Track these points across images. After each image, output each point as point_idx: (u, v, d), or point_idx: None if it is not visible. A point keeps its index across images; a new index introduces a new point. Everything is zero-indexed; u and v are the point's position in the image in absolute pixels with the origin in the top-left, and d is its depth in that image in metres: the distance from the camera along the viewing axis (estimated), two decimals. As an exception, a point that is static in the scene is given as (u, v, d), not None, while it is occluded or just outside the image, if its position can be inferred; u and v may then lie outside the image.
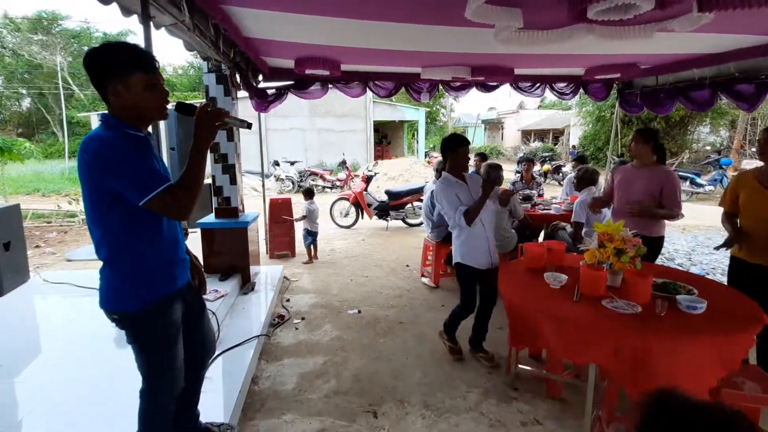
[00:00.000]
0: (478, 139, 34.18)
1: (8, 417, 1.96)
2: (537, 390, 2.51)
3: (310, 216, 5.26)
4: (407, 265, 5.09)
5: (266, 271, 4.42)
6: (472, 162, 5.45)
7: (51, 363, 2.47)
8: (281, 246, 5.45)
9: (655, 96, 5.13)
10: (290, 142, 15.46)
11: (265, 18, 3.26)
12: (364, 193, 7.13)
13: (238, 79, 4.57)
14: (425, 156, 19.57)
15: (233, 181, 4.12)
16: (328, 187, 12.37)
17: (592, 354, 1.89)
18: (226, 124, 1.46)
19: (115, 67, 1.32)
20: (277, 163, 12.74)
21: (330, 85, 5.61)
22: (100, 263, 1.43)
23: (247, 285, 3.86)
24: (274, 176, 12.32)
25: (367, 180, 7.31)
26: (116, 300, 1.42)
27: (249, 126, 1.61)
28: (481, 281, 2.80)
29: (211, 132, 1.40)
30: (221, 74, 4.21)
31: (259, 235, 4.57)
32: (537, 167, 13.79)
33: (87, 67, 1.33)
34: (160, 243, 1.46)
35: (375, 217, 7.21)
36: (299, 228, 5.49)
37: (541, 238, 4.82)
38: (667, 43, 3.58)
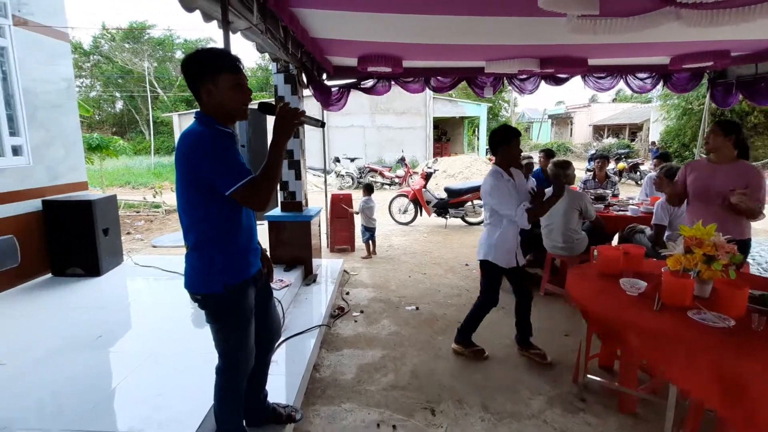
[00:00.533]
0: (544, 136, 32.51)
1: (104, 384, 2.22)
2: (607, 403, 2.35)
3: (366, 212, 5.35)
4: (466, 264, 5.00)
5: (327, 264, 4.58)
6: (536, 159, 5.21)
7: (140, 337, 2.75)
8: (341, 240, 5.61)
9: (755, 86, 4.55)
10: (350, 139, 15.82)
11: (330, 18, 3.35)
12: (423, 190, 7.11)
13: (305, 79, 4.75)
14: (486, 153, 19.04)
15: (298, 176, 4.31)
16: (386, 184, 12.48)
17: (674, 369, 1.73)
18: (302, 122, 1.53)
19: (208, 68, 1.46)
20: (337, 160, 13.09)
21: (392, 82, 5.66)
22: (182, 250, 1.57)
23: (309, 276, 4.02)
24: (335, 172, 12.68)
25: (427, 177, 7.27)
26: (200, 282, 1.54)
27: (322, 125, 1.68)
28: (509, 278, 2.81)
29: (289, 130, 1.49)
30: (289, 74, 4.39)
31: (321, 229, 4.74)
32: (611, 165, 12.82)
33: (184, 69, 1.48)
34: (239, 232, 1.56)
35: (434, 215, 7.16)
36: (359, 223, 5.60)
37: (615, 242, 4.49)
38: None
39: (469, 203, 7.01)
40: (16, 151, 3.78)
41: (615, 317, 1.99)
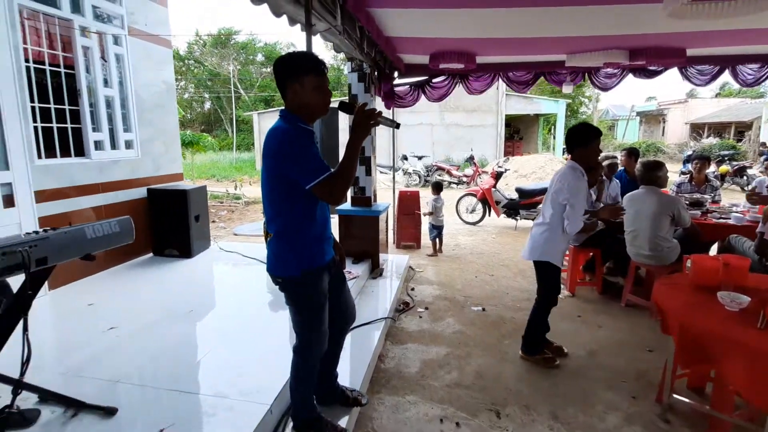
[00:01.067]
0: (631, 134, 29.64)
1: (194, 353, 2.48)
2: (695, 427, 2.13)
3: (435, 211, 5.33)
4: (525, 269, 4.78)
5: (393, 260, 4.65)
6: (620, 159, 4.82)
7: (224, 315, 3.02)
8: (408, 237, 5.66)
9: None
10: (418, 137, 15.80)
11: (404, 16, 3.39)
12: (493, 189, 6.91)
13: (377, 77, 4.84)
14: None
15: (369, 172, 4.42)
16: (454, 183, 12.31)
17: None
18: (378, 123, 1.60)
19: (295, 69, 1.57)
20: (405, 158, 13.18)
21: (459, 81, 5.57)
22: (260, 238, 1.71)
23: (376, 270, 4.12)
24: (402, 170, 12.77)
25: (497, 176, 7.05)
26: (282, 266, 1.67)
27: (397, 126, 1.74)
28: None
29: (366, 129, 1.56)
30: (362, 73, 4.50)
31: (388, 225, 4.82)
32: (712, 168, 11.40)
33: (275, 69, 1.62)
34: (316, 222, 1.69)
35: (503, 215, 6.93)
36: (425, 220, 5.61)
37: (713, 251, 4.02)
38: None
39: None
40: (128, 145, 4.33)
41: (709, 333, 1.80)
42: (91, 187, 3.86)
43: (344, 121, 2.72)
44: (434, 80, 5.72)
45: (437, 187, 5.55)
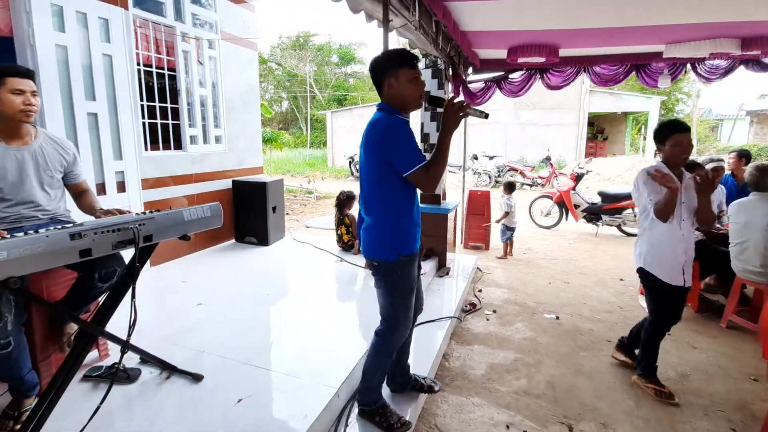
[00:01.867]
0: (739, 136, 25.91)
1: (268, 333, 2.63)
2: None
3: (509, 211, 5.13)
4: (621, 279, 4.39)
5: (460, 260, 4.56)
6: (727, 162, 4.24)
7: (296, 300, 3.17)
8: (476, 237, 5.51)
9: None
10: (490, 136, 15.29)
11: (482, 9, 3.29)
12: (572, 192, 6.47)
13: (451, 73, 4.76)
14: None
15: (439, 169, 4.36)
16: (527, 184, 11.75)
17: None
18: (467, 114, 1.66)
19: (390, 64, 1.69)
20: (475, 157, 12.84)
21: (538, 76, 5.28)
22: (329, 231, 1.79)
23: (442, 269, 4.06)
24: (471, 170, 12.46)
25: (577, 178, 6.59)
26: (378, 250, 1.76)
27: (486, 116, 1.74)
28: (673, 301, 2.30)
29: (456, 120, 1.64)
30: (436, 69, 4.46)
31: (456, 224, 4.74)
32: None
33: (371, 66, 1.75)
34: (412, 209, 1.78)
35: (582, 220, 6.46)
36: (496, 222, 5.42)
37: None
38: None
39: (629, 210, 6.11)
40: (217, 140, 4.72)
41: None
42: (185, 177, 4.28)
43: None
44: (511, 75, 5.50)
45: (510, 187, 5.33)
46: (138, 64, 3.75)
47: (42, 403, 1.59)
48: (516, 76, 5.52)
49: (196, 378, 2.03)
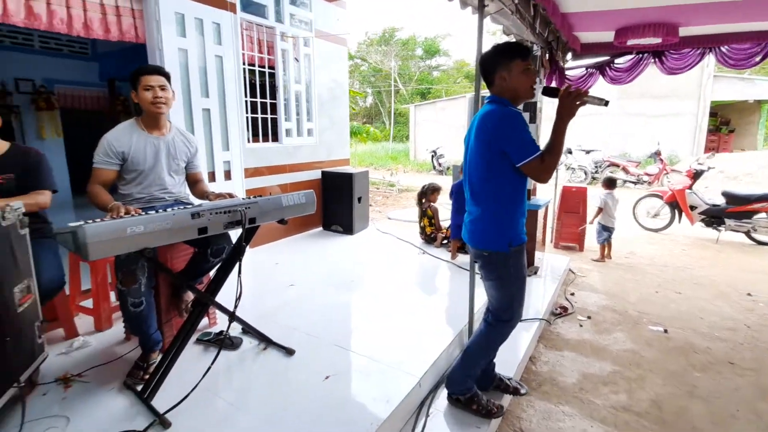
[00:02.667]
0: None
1: (353, 318, 2.72)
2: None
3: (607, 209, 4.66)
4: (749, 294, 3.75)
5: (549, 260, 4.27)
6: None
7: (379, 288, 3.23)
8: (569, 237, 5.11)
9: None
10: (588, 129, 13.98)
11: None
12: (688, 191, 5.65)
13: (547, 60, 4.45)
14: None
15: (530, 163, 4.12)
16: (630, 182, 10.56)
17: None
18: (585, 102, 1.60)
19: (503, 56, 1.69)
20: (569, 151, 11.85)
21: (651, 60, 4.68)
22: (411, 224, 1.77)
23: (530, 268, 3.84)
24: (565, 165, 11.55)
25: (695, 176, 5.73)
26: (488, 240, 1.76)
27: (606, 104, 1.64)
28: None
29: (572, 110, 1.60)
30: (532, 55, 4.18)
31: (546, 222, 4.44)
32: None
33: (483, 60, 1.77)
34: (522, 200, 1.77)
35: (699, 224, 5.63)
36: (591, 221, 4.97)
37: None
38: None
39: (763, 215, 5.17)
40: (309, 133, 4.99)
41: None
42: (280, 167, 4.60)
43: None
44: (618, 60, 4.97)
45: (610, 183, 4.83)
46: (243, 64, 4.10)
47: (165, 358, 1.84)
48: (623, 60, 4.97)
49: (289, 352, 2.18)
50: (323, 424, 1.68)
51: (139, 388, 1.84)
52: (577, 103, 1.58)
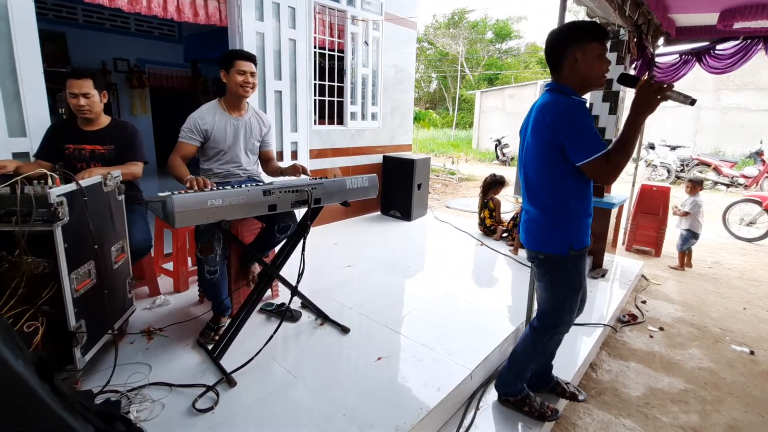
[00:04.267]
0: None
1: (407, 303, 2.74)
2: None
3: (695, 213, 4.22)
4: None
5: (620, 262, 3.97)
6: None
7: (434, 277, 3.21)
8: (645, 240, 4.71)
9: None
10: (676, 123, 12.65)
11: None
12: (793, 197, 4.96)
13: (635, 45, 4.06)
14: None
15: (606, 157, 3.83)
16: (723, 184, 9.44)
17: None
18: (667, 97, 1.40)
19: (578, 37, 1.49)
20: (652, 146, 10.81)
21: (761, 46, 4.08)
22: (470, 214, 1.70)
23: (598, 269, 3.60)
24: (645, 161, 10.57)
25: (804, 180, 5.00)
26: (546, 242, 1.63)
27: (693, 102, 1.43)
28: None
29: (651, 105, 1.40)
30: (618, 40, 3.85)
31: (620, 222, 4.12)
32: None
33: (551, 40, 1.56)
34: (586, 200, 1.61)
35: (804, 235, 4.94)
36: (672, 225, 4.53)
37: None
38: None
39: None
40: (373, 117, 5.02)
41: None
42: (343, 150, 4.69)
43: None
44: (720, 46, 4.41)
45: (697, 184, 4.35)
46: (314, 47, 4.19)
47: (233, 323, 1.98)
48: (727, 46, 4.40)
49: (344, 330, 2.25)
50: (372, 403, 1.73)
51: (210, 347, 2.01)
52: (659, 97, 1.38)
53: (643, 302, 3.40)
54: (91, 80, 2.11)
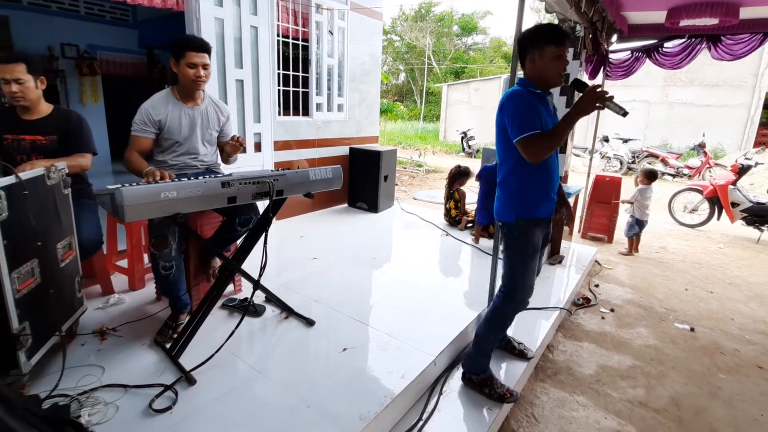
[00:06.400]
0: None
1: (373, 294, 2.76)
2: None
3: (640, 203, 4.48)
4: (787, 297, 3.58)
5: (576, 249, 4.17)
6: None
7: (401, 267, 3.25)
8: (598, 228, 4.96)
9: None
10: (628, 117, 13.26)
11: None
12: (731, 187, 5.34)
13: (591, 41, 4.22)
14: None
15: (563, 149, 3.99)
16: (669, 174, 10.06)
17: None
18: (605, 106, 1.59)
19: (538, 39, 1.68)
20: (606, 139, 11.36)
21: (705, 44, 4.36)
22: (436, 205, 1.77)
23: (555, 256, 3.76)
24: (600, 153, 11.10)
25: (740, 171, 5.39)
26: (500, 210, 1.85)
27: (625, 114, 1.61)
28: None
29: (588, 108, 1.58)
30: (574, 36, 4.00)
31: (575, 211, 4.31)
32: None
33: (519, 40, 1.78)
34: (537, 178, 1.77)
35: (740, 222, 5.34)
36: (624, 213, 4.79)
37: None
38: None
39: None
40: (339, 108, 4.97)
41: None
42: (309, 142, 4.62)
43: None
44: (668, 44, 4.66)
45: (651, 176, 4.59)
46: (277, 35, 4.08)
47: (192, 320, 1.93)
48: (673, 44, 4.66)
49: (309, 323, 2.24)
50: (337, 394, 1.74)
51: (168, 345, 1.95)
52: (597, 105, 1.57)
53: (596, 286, 3.60)
54: (24, 64, 1.97)
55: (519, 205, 1.78)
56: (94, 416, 1.52)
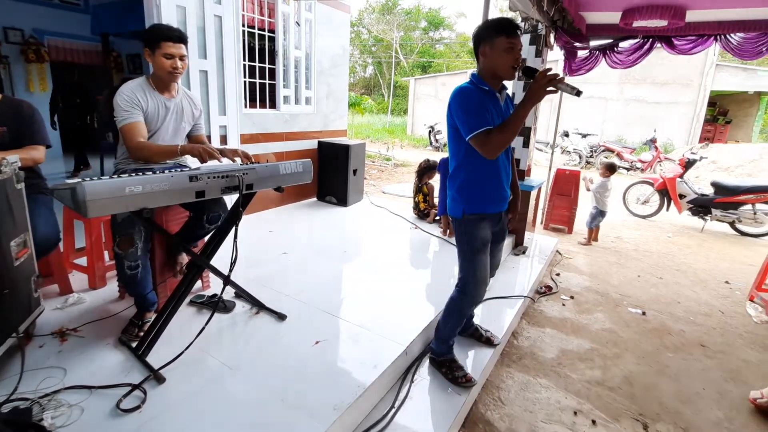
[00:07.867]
0: None
1: (344, 287, 2.79)
2: None
3: (601, 195, 4.72)
4: (727, 282, 3.89)
5: (538, 240, 4.36)
6: None
7: (370, 260, 3.29)
8: (559, 219, 5.19)
9: None
10: (587, 113, 13.93)
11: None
12: (678, 180, 5.74)
13: (552, 40, 4.39)
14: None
15: (526, 143, 4.13)
16: (624, 168, 10.64)
17: None
18: (557, 89, 1.54)
19: (488, 31, 1.69)
20: (566, 134, 11.85)
21: (658, 45, 4.63)
22: (405, 199, 1.83)
23: (519, 247, 3.92)
24: (560, 147, 11.57)
25: (686, 165, 5.80)
26: (450, 206, 1.90)
27: (578, 94, 1.59)
28: None
29: (539, 94, 1.55)
30: (536, 35, 4.14)
31: (538, 203, 4.50)
32: None
33: (473, 36, 1.76)
34: (485, 175, 1.80)
35: (686, 213, 5.75)
36: (583, 205, 5.04)
37: None
38: None
39: (749, 206, 5.28)
40: (307, 101, 4.92)
41: None
42: (277, 135, 4.55)
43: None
44: (622, 43, 4.91)
45: (610, 169, 4.84)
46: (243, 26, 3.98)
47: (159, 318, 1.89)
48: (627, 44, 4.91)
49: (281, 317, 2.24)
50: (310, 387, 1.75)
51: (134, 344, 1.90)
52: (548, 88, 1.52)
53: (557, 275, 3.78)
54: None
55: (466, 201, 1.82)
56: (57, 419, 1.47)
